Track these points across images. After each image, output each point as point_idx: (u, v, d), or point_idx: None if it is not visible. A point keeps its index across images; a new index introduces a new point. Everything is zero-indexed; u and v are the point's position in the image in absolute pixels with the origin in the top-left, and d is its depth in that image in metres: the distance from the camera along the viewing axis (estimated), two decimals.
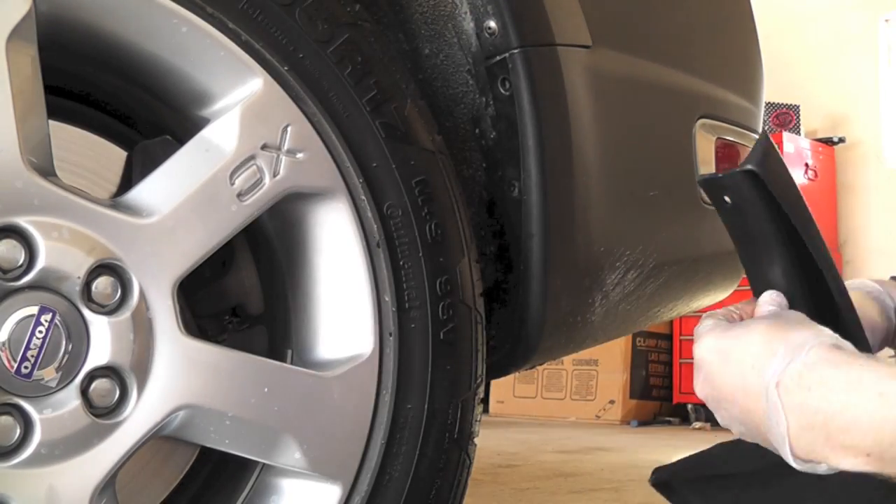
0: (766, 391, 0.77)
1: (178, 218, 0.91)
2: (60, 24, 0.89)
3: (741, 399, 0.81)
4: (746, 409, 0.81)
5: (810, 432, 0.74)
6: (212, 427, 0.93)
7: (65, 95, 1.04)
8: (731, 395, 0.83)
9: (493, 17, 1.10)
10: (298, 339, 1.04)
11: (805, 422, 0.74)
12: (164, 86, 0.97)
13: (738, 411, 0.83)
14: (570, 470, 3.27)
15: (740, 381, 0.81)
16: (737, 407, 0.83)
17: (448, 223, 1.06)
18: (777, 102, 5.75)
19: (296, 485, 1.00)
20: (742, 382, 0.81)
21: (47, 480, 0.86)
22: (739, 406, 0.82)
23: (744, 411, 0.82)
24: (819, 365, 0.75)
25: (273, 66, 0.96)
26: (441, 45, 1.15)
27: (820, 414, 0.73)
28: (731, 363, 0.83)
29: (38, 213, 0.86)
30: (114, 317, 0.89)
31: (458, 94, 1.16)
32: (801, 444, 0.75)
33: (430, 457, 1.04)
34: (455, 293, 1.06)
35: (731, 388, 0.83)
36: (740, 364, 0.82)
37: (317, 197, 0.99)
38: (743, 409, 0.82)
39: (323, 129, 0.98)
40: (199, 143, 0.94)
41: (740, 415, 0.83)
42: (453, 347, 1.06)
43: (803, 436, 0.74)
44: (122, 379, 0.90)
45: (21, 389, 0.86)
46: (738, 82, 1.47)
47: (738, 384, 0.82)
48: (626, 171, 1.25)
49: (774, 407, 0.76)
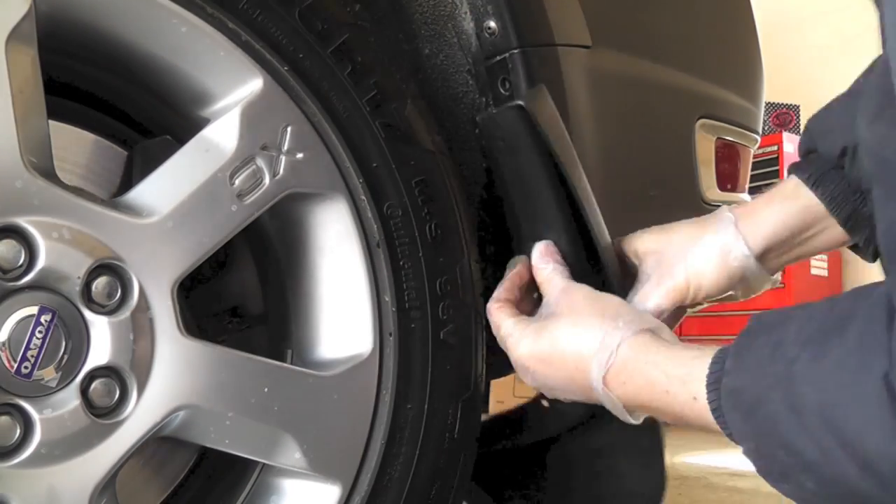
0: (596, 387, 0.93)
1: (178, 218, 0.91)
2: (60, 24, 0.89)
3: (576, 390, 0.97)
4: (582, 395, 0.97)
5: (639, 407, 0.93)
6: (212, 427, 0.93)
7: (65, 95, 1.04)
8: (564, 388, 0.99)
9: (492, 18, 1.10)
10: (298, 339, 1.04)
11: (632, 403, 0.93)
12: (164, 86, 0.97)
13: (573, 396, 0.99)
14: None
15: (570, 382, 0.97)
16: (572, 395, 0.99)
17: (448, 223, 1.06)
18: (777, 102, 5.75)
19: (296, 485, 1.00)
20: (571, 382, 0.97)
21: (47, 480, 0.86)
22: (575, 394, 0.98)
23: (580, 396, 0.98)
24: (627, 364, 0.92)
25: (273, 67, 0.96)
26: (441, 45, 1.15)
27: (637, 400, 0.92)
28: (555, 368, 0.97)
29: (38, 213, 0.85)
30: (114, 317, 0.89)
31: (458, 94, 1.16)
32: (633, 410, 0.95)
33: (430, 457, 1.04)
34: (455, 293, 1.06)
35: (563, 385, 0.98)
36: (564, 369, 0.96)
37: (317, 197, 0.99)
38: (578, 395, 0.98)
39: (323, 129, 0.98)
40: (199, 143, 0.94)
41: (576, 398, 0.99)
42: (453, 347, 1.06)
43: (634, 408, 0.94)
44: (121, 379, 0.90)
45: (21, 389, 0.86)
46: (738, 82, 1.47)
47: (567, 383, 0.97)
48: (625, 171, 1.25)
49: (607, 397, 0.93)
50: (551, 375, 0.99)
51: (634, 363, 0.91)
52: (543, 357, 0.98)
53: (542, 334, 0.99)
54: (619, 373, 0.92)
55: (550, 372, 0.98)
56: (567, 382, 0.98)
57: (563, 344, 0.97)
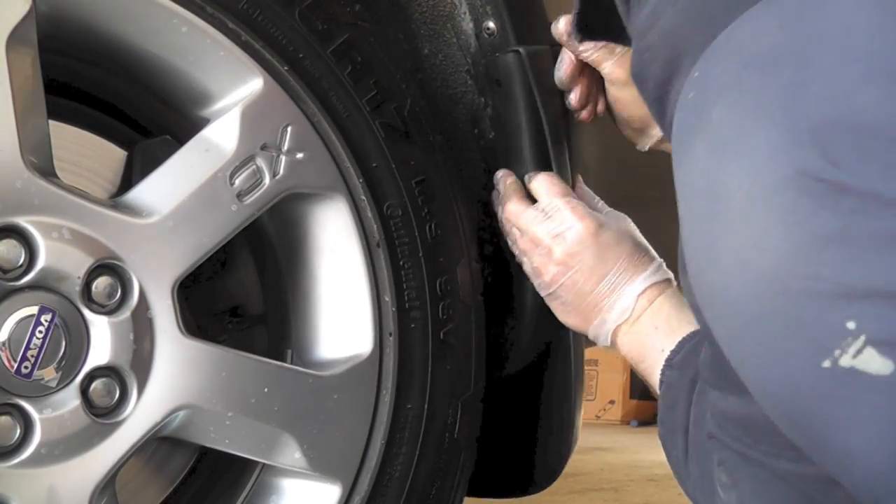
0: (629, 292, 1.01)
1: (178, 218, 0.91)
2: (60, 24, 0.89)
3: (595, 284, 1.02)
4: (595, 293, 1.03)
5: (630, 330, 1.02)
6: (212, 427, 0.93)
7: (65, 95, 1.04)
8: (595, 278, 1.02)
9: (491, 18, 1.10)
10: (298, 338, 1.04)
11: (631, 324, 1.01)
12: (164, 86, 0.97)
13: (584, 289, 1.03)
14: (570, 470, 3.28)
15: (606, 273, 1.02)
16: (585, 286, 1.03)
17: (448, 223, 1.06)
18: None
19: (296, 485, 1.00)
20: (608, 276, 1.02)
21: (47, 480, 0.86)
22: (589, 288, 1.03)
23: (590, 293, 1.03)
24: (659, 291, 1.01)
25: (273, 66, 0.96)
26: (440, 45, 1.15)
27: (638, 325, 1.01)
28: (612, 253, 1.02)
29: (38, 213, 0.86)
30: (114, 317, 0.89)
31: (458, 94, 1.16)
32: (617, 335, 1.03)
33: (430, 457, 1.04)
34: (455, 293, 1.06)
35: (599, 273, 1.02)
36: (616, 260, 1.02)
37: (317, 197, 0.99)
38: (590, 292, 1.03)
39: (323, 129, 0.98)
40: (199, 143, 0.94)
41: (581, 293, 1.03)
42: (453, 347, 1.06)
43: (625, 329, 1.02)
44: (121, 379, 0.90)
45: (21, 389, 0.86)
46: None
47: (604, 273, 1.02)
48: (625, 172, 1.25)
49: (628, 307, 1.01)
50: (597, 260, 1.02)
51: (664, 295, 1.01)
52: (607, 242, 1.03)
53: (610, 223, 1.04)
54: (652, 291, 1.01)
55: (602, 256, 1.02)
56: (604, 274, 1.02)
57: (626, 240, 1.04)
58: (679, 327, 0.97)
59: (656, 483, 3.31)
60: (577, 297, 1.04)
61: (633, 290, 1.01)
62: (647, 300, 1.01)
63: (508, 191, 1.09)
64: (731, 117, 0.56)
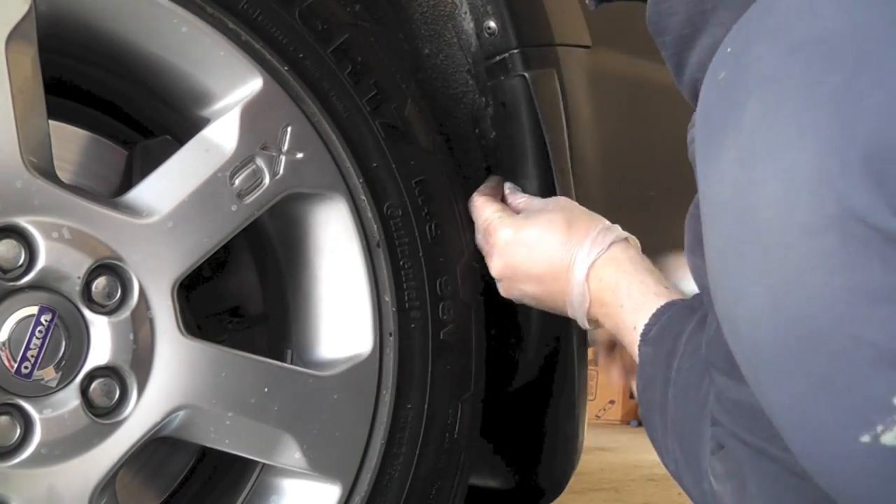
0: (578, 276, 0.97)
1: (178, 218, 0.91)
2: (60, 23, 0.89)
3: (548, 282, 1.00)
4: (551, 290, 1.00)
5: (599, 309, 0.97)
6: (212, 427, 0.93)
7: (65, 95, 1.04)
8: (536, 276, 1.01)
9: (492, 18, 1.10)
10: (298, 338, 1.04)
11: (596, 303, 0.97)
12: (165, 86, 0.97)
13: (539, 290, 1.01)
14: None
15: (547, 268, 0.99)
16: (540, 287, 1.01)
17: (448, 223, 1.06)
18: None
19: (296, 485, 1.00)
20: (549, 269, 0.99)
21: (47, 480, 0.86)
22: (544, 287, 1.00)
23: (547, 291, 1.01)
24: (608, 265, 0.96)
25: (273, 66, 0.96)
26: (441, 45, 1.15)
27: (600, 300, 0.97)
28: (537, 251, 1.00)
29: (38, 213, 0.86)
30: (114, 317, 0.89)
31: (458, 94, 1.16)
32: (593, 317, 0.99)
33: (430, 457, 1.04)
34: (455, 293, 1.06)
35: (537, 272, 1.00)
36: (547, 253, 0.99)
37: (317, 197, 0.99)
38: (546, 290, 1.00)
39: (323, 129, 0.98)
40: (199, 143, 0.94)
41: (541, 293, 1.01)
42: (453, 347, 1.06)
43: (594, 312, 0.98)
44: (121, 379, 0.90)
45: (21, 389, 0.86)
46: None
47: (544, 270, 1.00)
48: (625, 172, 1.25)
49: (582, 292, 0.97)
50: (529, 259, 1.01)
51: (616, 267, 0.96)
52: (529, 242, 1.01)
53: (530, 221, 1.02)
54: (601, 268, 0.96)
55: (532, 255, 1.00)
56: (541, 271, 1.00)
57: (554, 230, 1.00)
58: (644, 300, 0.93)
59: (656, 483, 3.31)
60: (537, 300, 1.04)
61: (578, 275, 0.98)
62: (597, 279, 0.97)
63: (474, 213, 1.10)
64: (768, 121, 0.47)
